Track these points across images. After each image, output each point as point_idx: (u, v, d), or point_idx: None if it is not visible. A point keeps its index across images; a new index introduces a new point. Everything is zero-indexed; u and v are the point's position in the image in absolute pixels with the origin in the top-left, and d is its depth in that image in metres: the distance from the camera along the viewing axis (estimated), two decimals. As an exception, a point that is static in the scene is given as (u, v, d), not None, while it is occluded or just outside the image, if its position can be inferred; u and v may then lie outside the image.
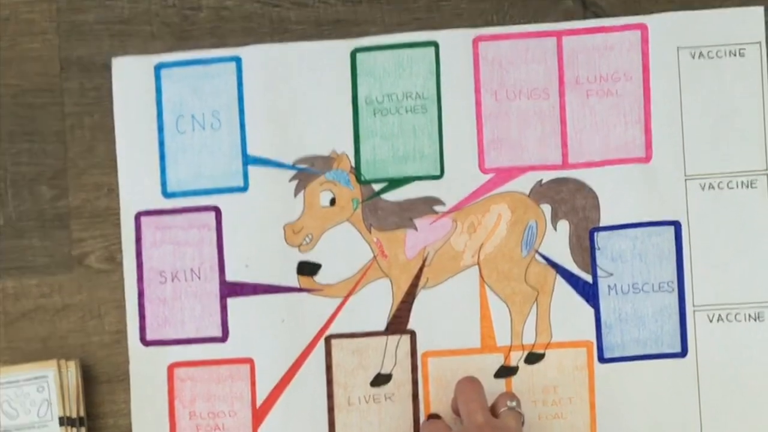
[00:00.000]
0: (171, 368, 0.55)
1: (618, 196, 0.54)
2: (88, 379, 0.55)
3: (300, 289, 0.55)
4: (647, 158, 0.54)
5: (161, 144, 0.56)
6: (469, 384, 0.52)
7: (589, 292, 0.54)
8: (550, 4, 0.55)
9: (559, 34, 0.55)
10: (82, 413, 0.54)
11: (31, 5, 0.56)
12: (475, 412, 0.50)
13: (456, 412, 0.53)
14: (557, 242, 0.54)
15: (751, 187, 0.54)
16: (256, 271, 0.55)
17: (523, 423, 0.52)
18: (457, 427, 0.51)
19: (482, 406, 0.51)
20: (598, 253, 0.54)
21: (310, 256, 0.55)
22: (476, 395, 0.51)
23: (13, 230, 0.56)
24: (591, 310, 0.54)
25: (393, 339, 0.55)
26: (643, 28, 0.54)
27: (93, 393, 0.55)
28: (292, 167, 0.55)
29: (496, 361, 0.54)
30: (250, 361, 0.55)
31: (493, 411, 0.51)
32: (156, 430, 0.55)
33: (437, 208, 0.55)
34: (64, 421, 0.53)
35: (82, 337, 0.55)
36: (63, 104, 0.56)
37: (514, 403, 0.51)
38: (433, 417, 0.54)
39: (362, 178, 0.55)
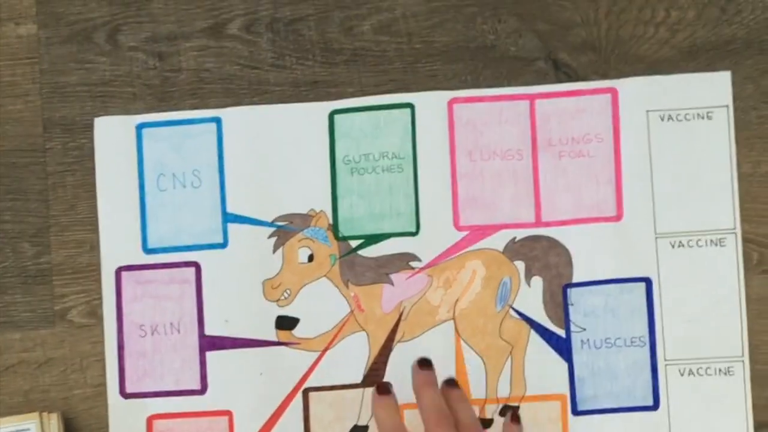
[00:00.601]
0: (150, 420, 0.56)
1: (590, 254, 0.55)
2: (70, 432, 0.56)
3: (278, 343, 0.56)
4: (618, 217, 0.56)
5: (142, 201, 0.56)
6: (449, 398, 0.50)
7: (562, 347, 0.55)
8: (523, 65, 0.56)
9: (531, 98, 0.56)
10: (63, 465, 0.54)
11: (13, 68, 0.57)
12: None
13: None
14: (531, 298, 0.55)
15: (720, 245, 0.55)
16: (235, 326, 0.56)
17: None
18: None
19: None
20: (571, 309, 0.55)
21: (289, 311, 0.56)
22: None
23: (-5, 286, 0.57)
24: (565, 364, 0.55)
25: (370, 391, 0.55)
26: (613, 91, 0.56)
27: (75, 445, 0.56)
28: (271, 225, 0.56)
29: (472, 413, 0.55)
30: (228, 414, 0.55)
31: None
32: (136, 482, 0.55)
33: (413, 263, 0.56)
34: (46, 473, 0.54)
35: (64, 391, 0.56)
36: (45, 164, 0.57)
37: None
38: (382, 388, 0.50)
39: (340, 235, 0.56)
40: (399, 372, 0.55)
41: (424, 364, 0.52)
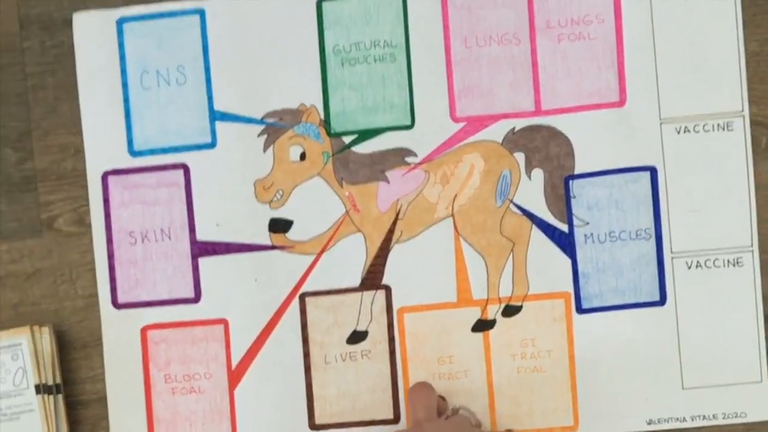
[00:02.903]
0: (144, 331, 0.54)
1: (593, 143, 0.53)
2: (63, 345, 0.54)
3: (272, 247, 0.54)
4: (621, 102, 0.53)
5: (126, 101, 0.54)
6: (418, 386, 0.52)
7: (565, 242, 0.54)
8: (519, -52, 0.54)
9: (528, -23, 0.54)
10: (58, 380, 0.53)
11: (-14, -39, 0.55)
12: (419, 410, 0.50)
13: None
14: (532, 191, 0.54)
15: (728, 129, 0.53)
16: (228, 230, 0.54)
17: (478, 425, 0.52)
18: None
19: (426, 405, 0.51)
20: (573, 202, 0.54)
21: (282, 213, 0.54)
22: (423, 396, 0.51)
23: (-21, 195, 0.55)
24: (568, 261, 0.53)
25: (368, 295, 0.54)
26: (613, -32, 0.54)
27: (69, 359, 0.54)
28: (261, 122, 0.54)
29: (473, 314, 0.54)
30: (224, 322, 0.54)
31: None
32: (131, 394, 0.54)
33: (409, 159, 0.54)
34: (40, 388, 0.52)
35: (55, 303, 0.55)
36: (24, 64, 0.55)
37: (455, 406, 0.52)
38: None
39: (332, 131, 0.54)
40: (397, 274, 0.54)
41: None
